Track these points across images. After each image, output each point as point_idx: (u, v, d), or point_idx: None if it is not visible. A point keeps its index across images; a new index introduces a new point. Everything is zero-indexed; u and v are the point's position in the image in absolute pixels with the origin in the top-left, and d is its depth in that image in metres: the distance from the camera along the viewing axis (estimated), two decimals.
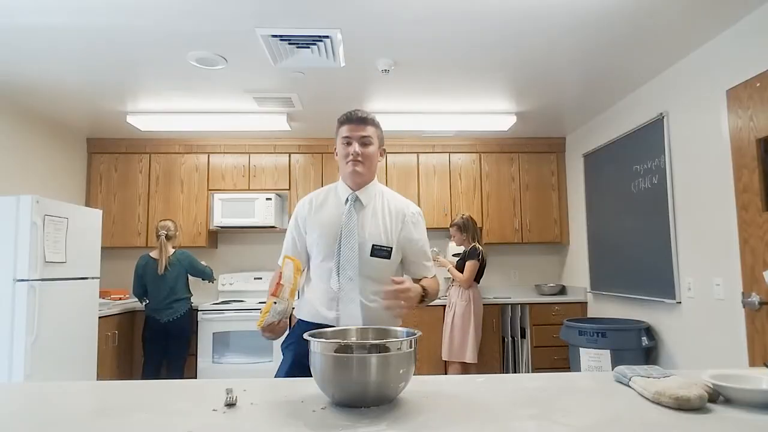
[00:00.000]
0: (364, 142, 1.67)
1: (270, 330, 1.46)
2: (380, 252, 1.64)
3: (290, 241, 1.78)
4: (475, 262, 3.89)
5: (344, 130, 1.67)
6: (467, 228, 4.04)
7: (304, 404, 1.00)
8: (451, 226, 4.12)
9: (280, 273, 1.46)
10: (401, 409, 0.96)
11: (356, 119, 1.67)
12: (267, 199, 4.61)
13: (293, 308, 1.49)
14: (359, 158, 1.65)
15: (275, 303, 1.44)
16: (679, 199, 3.17)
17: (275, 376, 1.61)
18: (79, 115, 4.12)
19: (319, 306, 1.64)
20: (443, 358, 3.98)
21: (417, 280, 1.72)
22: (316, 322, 1.61)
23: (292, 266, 1.48)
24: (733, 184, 2.66)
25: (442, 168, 4.87)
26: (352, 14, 2.53)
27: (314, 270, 1.71)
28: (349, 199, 1.69)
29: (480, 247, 3.95)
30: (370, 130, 1.68)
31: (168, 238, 4.02)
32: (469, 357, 3.80)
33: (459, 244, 4.11)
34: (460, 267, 3.97)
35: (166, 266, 3.95)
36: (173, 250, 4.05)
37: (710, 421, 0.88)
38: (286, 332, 1.63)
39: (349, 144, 1.66)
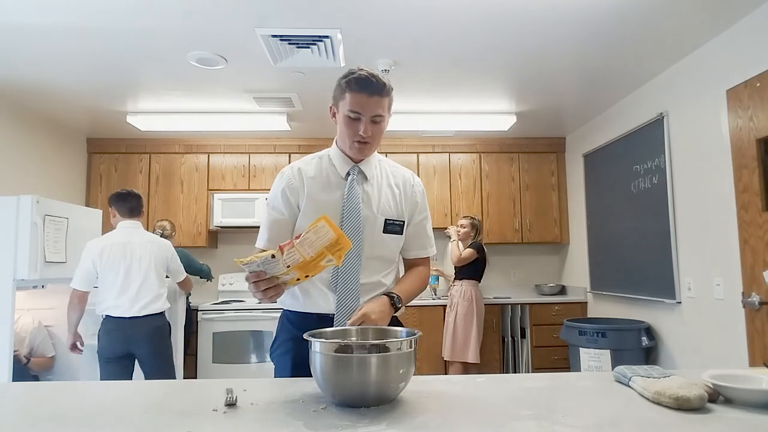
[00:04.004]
0: (376, 120, 1.38)
1: (253, 278, 1.17)
2: (393, 227, 1.46)
3: (276, 223, 1.44)
4: (473, 251, 3.97)
5: (353, 101, 1.36)
6: (477, 228, 4.15)
7: (304, 404, 1.00)
8: (464, 217, 4.17)
9: (297, 237, 1.10)
10: (401, 409, 0.96)
11: (371, 90, 1.35)
12: (267, 199, 4.60)
13: (289, 282, 1.18)
14: (368, 140, 1.39)
15: (273, 256, 1.10)
16: (679, 199, 3.17)
17: None
18: (79, 115, 4.12)
19: (312, 293, 1.41)
20: (445, 358, 3.98)
21: (411, 263, 1.58)
22: (306, 311, 1.41)
23: (329, 234, 1.07)
24: (733, 184, 2.66)
25: (442, 168, 4.87)
26: (352, 14, 2.53)
27: None
28: (350, 173, 1.45)
29: (481, 244, 4.06)
30: (384, 104, 1.38)
31: (164, 237, 4.01)
32: (472, 357, 3.81)
33: (463, 239, 4.11)
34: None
35: None
36: None
37: (710, 421, 0.88)
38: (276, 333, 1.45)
39: (357, 120, 1.37)
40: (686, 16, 2.57)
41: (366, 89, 1.35)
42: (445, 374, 3.94)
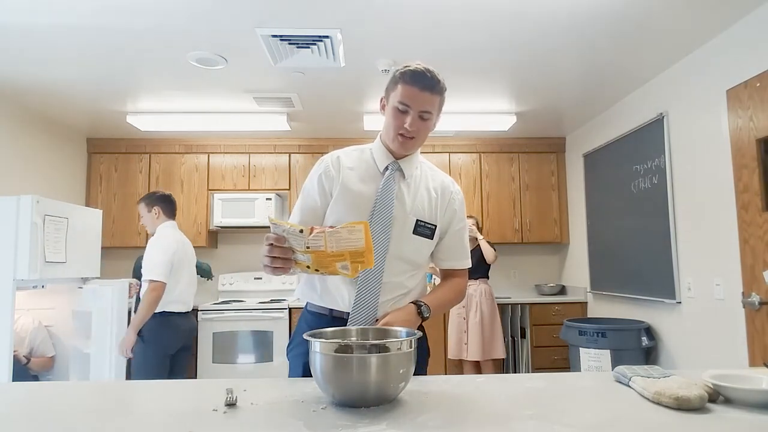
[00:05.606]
0: (424, 116, 1.36)
1: (272, 239, 1.15)
2: (424, 230, 1.42)
3: (308, 209, 1.44)
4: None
5: (404, 93, 1.34)
6: (479, 228, 4.21)
7: (304, 404, 1.00)
8: (470, 217, 4.18)
9: (335, 228, 1.09)
10: (401, 409, 0.96)
11: (424, 85, 1.33)
12: (267, 199, 4.61)
13: (299, 263, 1.16)
14: (413, 135, 1.38)
15: (301, 231, 1.09)
16: (679, 199, 3.17)
17: None
18: (79, 115, 4.12)
19: (330, 287, 1.39)
20: (476, 359, 3.91)
21: (447, 274, 1.55)
22: (326, 307, 1.40)
23: (359, 242, 1.06)
24: (733, 184, 2.66)
25: (442, 168, 4.75)
26: (352, 14, 2.53)
27: None
28: (390, 167, 1.43)
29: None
30: (435, 102, 1.36)
31: None
32: (501, 352, 3.87)
33: (471, 240, 4.13)
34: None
35: None
36: None
37: (710, 421, 0.88)
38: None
39: (404, 113, 1.35)
40: (686, 16, 2.57)
41: (419, 83, 1.33)
42: (472, 374, 3.94)
